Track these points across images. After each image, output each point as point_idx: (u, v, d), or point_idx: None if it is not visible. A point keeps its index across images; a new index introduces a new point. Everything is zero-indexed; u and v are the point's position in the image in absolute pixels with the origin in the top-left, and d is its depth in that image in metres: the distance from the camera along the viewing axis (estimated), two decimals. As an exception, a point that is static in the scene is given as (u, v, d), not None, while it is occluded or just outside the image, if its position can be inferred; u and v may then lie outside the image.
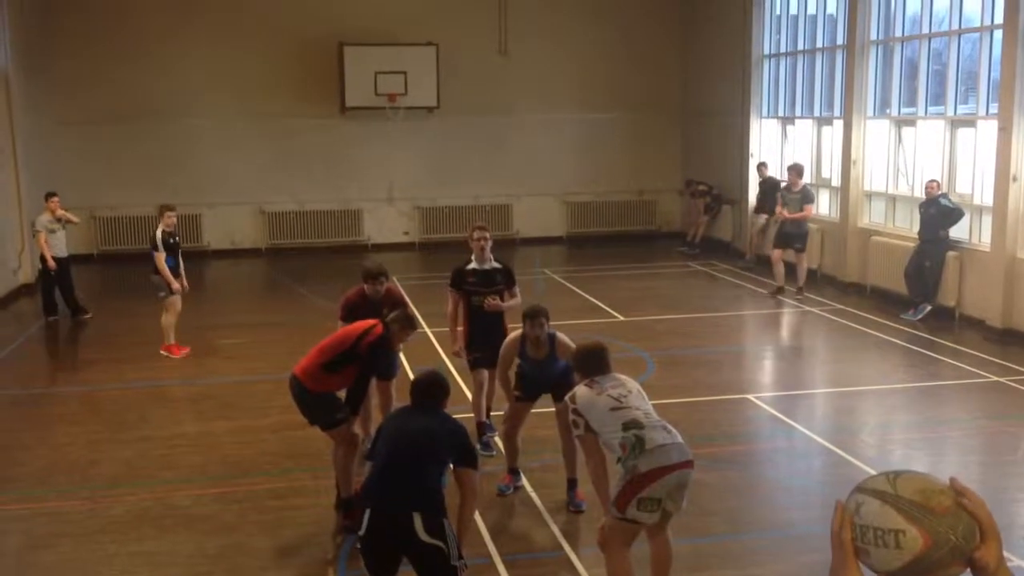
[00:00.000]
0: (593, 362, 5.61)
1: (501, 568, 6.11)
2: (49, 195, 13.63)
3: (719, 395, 9.73)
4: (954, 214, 12.66)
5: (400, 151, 20.01)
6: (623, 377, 5.60)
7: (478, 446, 6.85)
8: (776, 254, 14.67)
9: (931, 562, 1.81)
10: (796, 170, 14.70)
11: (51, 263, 13.21)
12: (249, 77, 19.24)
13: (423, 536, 4.61)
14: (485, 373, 8.01)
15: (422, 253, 19.83)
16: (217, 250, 19.49)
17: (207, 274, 18.47)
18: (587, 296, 14.76)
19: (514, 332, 7.32)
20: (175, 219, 11.66)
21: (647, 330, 12.57)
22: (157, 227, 11.44)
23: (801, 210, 14.35)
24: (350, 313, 7.57)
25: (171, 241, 11.46)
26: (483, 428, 8.12)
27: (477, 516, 6.16)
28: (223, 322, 13.67)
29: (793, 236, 14.47)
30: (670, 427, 5.26)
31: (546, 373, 7.15)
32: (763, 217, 17.14)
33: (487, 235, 8.08)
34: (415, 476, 4.79)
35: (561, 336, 7.12)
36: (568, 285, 15.80)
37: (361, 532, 4.77)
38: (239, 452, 8.26)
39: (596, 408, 5.29)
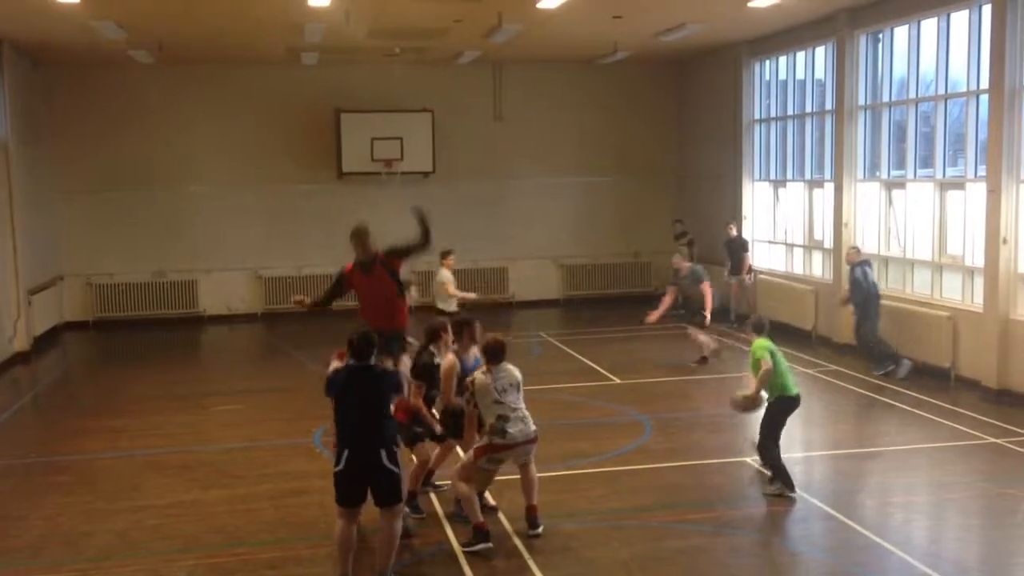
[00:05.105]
0: (493, 353, 7.56)
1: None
2: (446, 253, 13.53)
3: (717, 458, 9.69)
4: (862, 287, 13.36)
5: (396, 216, 19.88)
6: (511, 367, 7.58)
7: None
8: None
9: None
10: (682, 255, 14.36)
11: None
12: (246, 143, 19.48)
13: (387, 464, 6.58)
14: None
15: (419, 317, 19.80)
16: (213, 316, 19.51)
17: (203, 340, 18.49)
18: (583, 359, 14.77)
19: (449, 357, 7.99)
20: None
21: (644, 393, 12.56)
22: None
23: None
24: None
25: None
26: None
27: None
28: (218, 389, 13.64)
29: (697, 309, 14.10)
30: (528, 418, 7.50)
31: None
32: (734, 277, 17.71)
33: None
34: (379, 425, 6.68)
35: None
36: (564, 348, 15.82)
37: (340, 467, 6.61)
38: (234, 521, 8.18)
39: (485, 394, 7.44)
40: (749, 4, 13.82)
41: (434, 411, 8.08)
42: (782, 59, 17.90)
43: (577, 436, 10.48)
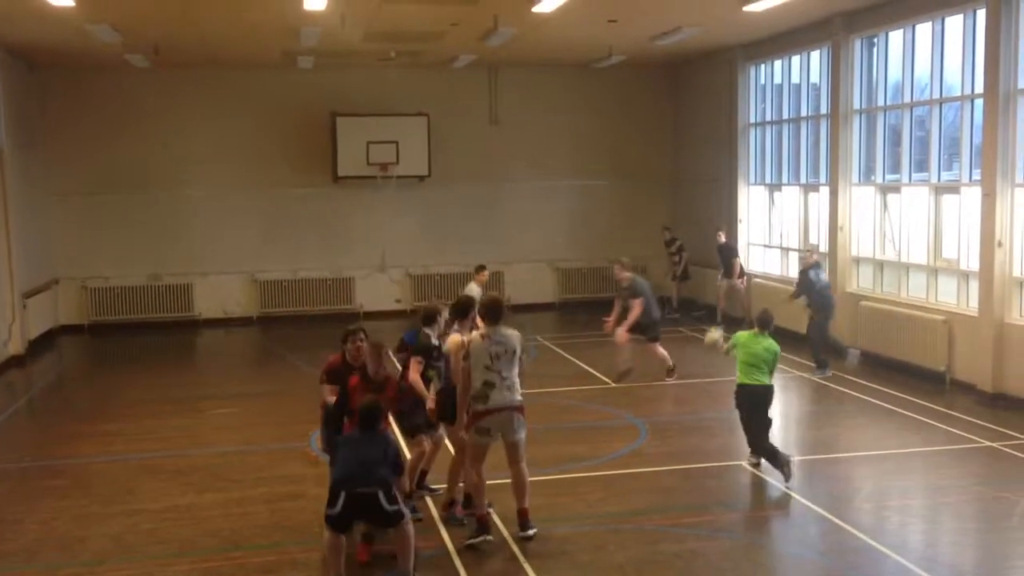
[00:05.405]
0: (491, 312, 7.59)
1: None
2: (479, 268, 13.45)
3: (713, 462, 9.70)
4: (815, 288, 13.63)
5: (392, 219, 20.19)
6: (510, 332, 7.56)
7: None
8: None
9: None
10: (622, 264, 13.82)
11: None
12: (242, 147, 19.47)
13: (386, 506, 6.58)
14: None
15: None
16: (208, 319, 19.49)
17: (198, 343, 18.46)
18: (579, 363, 14.78)
19: (454, 336, 8.02)
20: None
21: (639, 396, 12.56)
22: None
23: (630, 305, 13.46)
24: (331, 377, 7.95)
25: None
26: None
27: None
28: (213, 392, 13.62)
29: (644, 326, 13.50)
30: (515, 387, 7.43)
31: None
32: (726, 281, 17.87)
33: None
34: (378, 477, 6.62)
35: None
36: (560, 352, 15.82)
37: (336, 510, 6.54)
38: (230, 525, 8.17)
39: (479, 357, 7.41)
40: (744, 8, 13.84)
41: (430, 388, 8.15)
42: (777, 63, 17.93)
43: (573, 439, 10.48)
